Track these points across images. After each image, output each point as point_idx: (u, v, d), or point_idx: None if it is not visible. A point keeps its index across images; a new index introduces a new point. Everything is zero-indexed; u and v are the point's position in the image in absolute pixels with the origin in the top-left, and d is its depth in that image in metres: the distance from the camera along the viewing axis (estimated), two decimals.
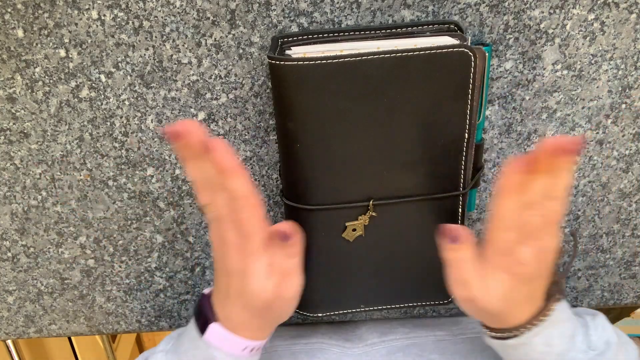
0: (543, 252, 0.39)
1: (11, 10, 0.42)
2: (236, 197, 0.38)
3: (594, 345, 0.42)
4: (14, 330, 0.61)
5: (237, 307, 0.42)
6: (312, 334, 0.55)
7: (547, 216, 0.38)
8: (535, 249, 0.39)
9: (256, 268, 0.40)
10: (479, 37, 0.44)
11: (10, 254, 0.55)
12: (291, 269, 0.41)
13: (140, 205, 0.52)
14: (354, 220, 0.45)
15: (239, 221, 0.39)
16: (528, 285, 0.40)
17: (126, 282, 0.57)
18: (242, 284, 0.40)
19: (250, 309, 0.41)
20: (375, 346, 0.54)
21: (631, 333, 1.77)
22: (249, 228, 0.39)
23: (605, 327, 0.44)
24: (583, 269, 0.57)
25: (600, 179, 0.51)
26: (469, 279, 0.41)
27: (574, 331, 0.43)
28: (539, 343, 0.41)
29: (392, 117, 0.40)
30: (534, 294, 0.41)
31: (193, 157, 0.37)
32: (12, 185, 0.51)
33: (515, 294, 0.40)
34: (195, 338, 0.43)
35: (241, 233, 0.39)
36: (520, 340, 0.42)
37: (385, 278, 0.48)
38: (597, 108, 0.47)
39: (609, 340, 0.43)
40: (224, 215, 0.39)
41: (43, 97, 0.46)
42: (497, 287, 0.40)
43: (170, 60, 0.44)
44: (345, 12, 0.42)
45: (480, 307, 0.41)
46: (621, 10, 0.43)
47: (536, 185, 0.37)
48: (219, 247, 0.41)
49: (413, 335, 0.54)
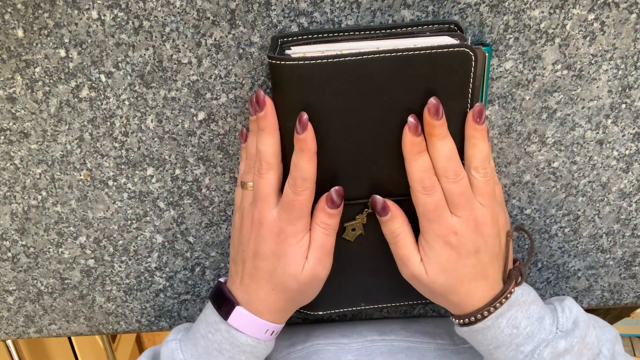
0: (477, 223, 0.41)
1: (11, 10, 0.42)
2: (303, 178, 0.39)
3: (562, 326, 0.43)
4: (14, 330, 0.61)
5: (265, 289, 0.42)
6: (307, 338, 0.55)
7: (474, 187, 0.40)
8: (466, 218, 0.40)
9: (295, 250, 0.41)
10: (479, 37, 0.44)
11: (10, 254, 0.55)
12: (328, 248, 0.43)
13: (140, 205, 0.52)
14: (351, 220, 0.45)
15: (295, 202, 0.40)
16: (471, 259, 0.41)
17: (126, 282, 0.57)
18: (276, 266, 0.41)
19: (282, 291, 0.42)
20: (376, 343, 0.53)
21: (631, 333, 1.77)
22: (303, 210, 0.41)
23: (572, 308, 0.44)
24: (583, 269, 0.57)
25: (600, 179, 0.51)
26: (408, 254, 0.42)
27: (541, 314, 0.43)
28: (505, 325, 0.42)
29: (392, 116, 0.40)
30: (483, 271, 0.42)
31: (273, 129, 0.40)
32: (12, 185, 0.51)
33: (458, 268, 0.41)
34: (215, 322, 0.43)
35: (290, 214, 0.40)
36: (486, 323, 0.42)
37: (386, 276, 0.48)
38: (597, 108, 0.47)
39: (576, 320, 0.43)
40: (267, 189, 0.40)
41: (43, 97, 0.46)
42: (436, 259, 0.41)
43: (170, 60, 0.44)
44: (345, 12, 0.42)
45: (425, 284, 0.42)
46: (621, 10, 0.43)
47: (437, 150, 0.39)
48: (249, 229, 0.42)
49: (414, 340, 0.54)
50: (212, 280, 0.57)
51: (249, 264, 0.43)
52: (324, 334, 0.55)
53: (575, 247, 0.55)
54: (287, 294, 0.43)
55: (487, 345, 0.43)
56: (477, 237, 0.41)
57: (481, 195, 0.41)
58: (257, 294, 0.43)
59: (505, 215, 0.44)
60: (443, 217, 0.40)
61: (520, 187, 0.51)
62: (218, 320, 0.43)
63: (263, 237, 0.41)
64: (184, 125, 0.47)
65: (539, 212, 0.53)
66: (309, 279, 0.42)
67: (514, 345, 0.42)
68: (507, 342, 0.42)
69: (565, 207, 0.52)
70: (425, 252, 0.42)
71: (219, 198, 0.51)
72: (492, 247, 0.42)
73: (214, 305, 0.44)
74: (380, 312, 0.60)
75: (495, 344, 0.43)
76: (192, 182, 0.51)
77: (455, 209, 0.40)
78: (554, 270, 0.57)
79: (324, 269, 0.43)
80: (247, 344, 0.43)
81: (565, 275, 0.57)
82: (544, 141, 0.48)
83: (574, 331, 0.42)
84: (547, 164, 0.50)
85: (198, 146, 0.49)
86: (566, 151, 0.49)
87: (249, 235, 0.42)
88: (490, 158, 0.42)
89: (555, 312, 0.44)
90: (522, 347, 0.42)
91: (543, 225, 0.53)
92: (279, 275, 0.42)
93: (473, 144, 0.40)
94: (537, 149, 0.49)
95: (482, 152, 0.40)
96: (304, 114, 0.39)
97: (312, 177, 0.40)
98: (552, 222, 0.53)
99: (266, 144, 0.40)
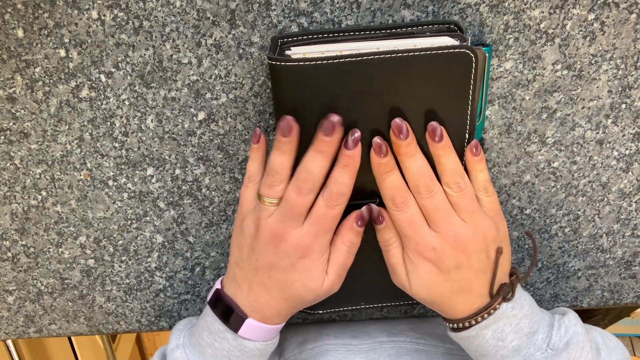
0: (456, 238, 0.40)
1: (11, 10, 0.42)
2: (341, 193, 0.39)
3: (553, 345, 0.42)
4: (14, 330, 0.61)
5: (277, 298, 0.42)
6: (319, 337, 0.55)
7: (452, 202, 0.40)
8: (444, 234, 0.40)
9: (317, 266, 0.41)
10: (479, 37, 0.44)
11: (10, 254, 0.55)
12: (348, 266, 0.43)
13: (140, 205, 0.52)
14: None
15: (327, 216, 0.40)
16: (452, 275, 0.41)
17: (126, 282, 0.57)
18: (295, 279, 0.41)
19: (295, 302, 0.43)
20: (385, 344, 0.53)
21: (631, 333, 1.77)
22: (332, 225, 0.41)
23: (569, 327, 0.43)
24: (583, 269, 0.57)
25: (600, 179, 0.51)
26: (396, 264, 0.43)
27: (534, 329, 0.43)
28: (490, 337, 0.42)
29: (392, 117, 0.40)
30: (466, 286, 0.41)
31: None
32: (12, 185, 0.51)
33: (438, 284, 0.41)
34: (220, 331, 0.43)
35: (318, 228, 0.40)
36: (471, 332, 0.42)
37: (386, 276, 0.48)
38: (597, 108, 0.47)
39: (569, 341, 0.42)
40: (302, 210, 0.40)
41: (43, 97, 0.46)
42: (417, 274, 0.42)
43: (170, 60, 0.44)
44: (345, 12, 0.42)
45: (410, 295, 0.43)
46: (621, 10, 0.43)
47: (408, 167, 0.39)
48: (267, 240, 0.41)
49: (423, 342, 0.54)
50: (212, 280, 0.57)
51: (262, 274, 0.42)
52: (334, 333, 0.56)
53: (575, 247, 0.55)
54: (301, 302, 0.43)
55: (474, 352, 0.44)
56: (457, 253, 0.40)
57: (459, 210, 0.40)
58: (268, 302, 0.42)
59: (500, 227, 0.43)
60: (419, 233, 0.40)
61: (520, 187, 0.51)
62: (223, 329, 0.43)
63: (285, 252, 0.41)
64: (184, 125, 0.48)
65: (539, 212, 0.53)
66: (326, 293, 0.43)
67: (498, 356, 0.42)
68: (492, 352, 0.42)
69: (565, 207, 0.52)
70: (407, 266, 0.42)
71: (219, 198, 0.51)
72: (476, 262, 0.41)
73: (217, 314, 0.44)
74: (380, 312, 0.60)
75: (481, 352, 0.43)
76: (192, 182, 0.51)
77: (433, 224, 0.40)
78: (554, 270, 0.57)
79: (340, 283, 0.44)
80: (256, 348, 0.44)
81: (565, 275, 0.57)
82: (544, 141, 0.49)
83: (561, 353, 0.41)
84: (547, 164, 0.50)
85: (198, 146, 0.49)
86: (566, 151, 0.49)
87: (266, 246, 0.41)
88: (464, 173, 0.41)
89: (552, 327, 0.43)
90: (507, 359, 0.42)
91: (543, 225, 0.53)
92: (297, 288, 0.42)
93: (438, 162, 0.40)
94: (537, 149, 0.49)
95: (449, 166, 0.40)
96: (357, 131, 0.38)
97: (349, 193, 0.40)
98: (552, 222, 0.53)
99: (322, 167, 0.39)
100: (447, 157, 0.40)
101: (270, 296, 0.42)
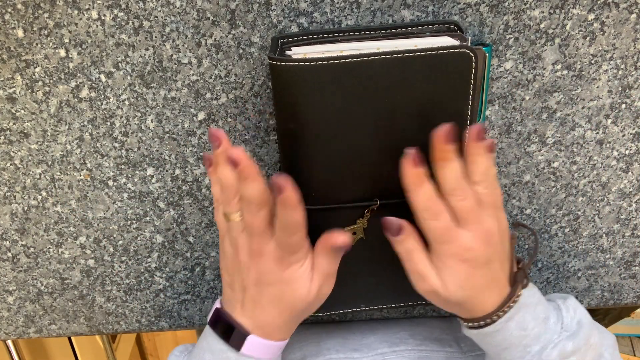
0: (487, 234, 0.41)
1: (11, 10, 0.42)
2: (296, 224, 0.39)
3: (566, 326, 0.43)
4: (14, 330, 0.61)
5: (272, 313, 0.42)
6: (319, 351, 0.55)
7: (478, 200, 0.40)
8: (477, 232, 0.40)
9: (300, 274, 0.41)
10: (479, 37, 0.44)
11: (10, 254, 0.55)
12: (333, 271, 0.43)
13: (140, 205, 0.52)
14: (352, 225, 0.45)
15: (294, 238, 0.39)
16: (485, 270, 0.41)
17: (126, 282, 0.57)
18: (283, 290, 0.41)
19: (290, 312, 0.42)
20: (387, 356, 0.53)
21: (631, 333, 1.77)
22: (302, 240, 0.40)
23: (576, 308, 0.45)
24: (583, 269, 0.57)
25: (600, 179, 0.51)
26: (424, 270, 0.42)
27: (546, 314, 0.44)
28: (514, 328, 0.42)
29: (393, 117, 0.40)
30: (495, 278, 0.42)
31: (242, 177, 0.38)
32: (12, 185, 0.51)
33: (474, 280, 0.41)
34: (222, 350, 0.43)
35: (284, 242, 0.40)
36: (496, 327, 0.42)
37: (386, 277, 0.48)
38: (597, 108, 0.47)
39: (581, 321, 0.44)
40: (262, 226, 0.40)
41: (43, 97, 0.46)
42: (453, 276, 0.41)
43: (170, 60, 0.44)
44: (345, 12, 0.42)
45: (443, 298, 0.42)
46: (621, 10, 0.43)
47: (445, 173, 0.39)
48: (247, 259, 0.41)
49: (424, 348, 0.54)
50: (212, 280, 0.57)
51: (251, 291, 0.42)
52: (334, 347, 0.55)
53: (575, 247, 0.55)
54: (295, 312, 0.43)
55: (496, 346, 0.44)
56: (488, 248, 0.41)
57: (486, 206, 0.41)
58: (265, 318, 0.42)
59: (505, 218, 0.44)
60: (454, 237, 0.40)
61: (520, 187, 0.51)
62: (225, 349, 0.43)
63: (265, 266, 0.41)
64: (184, 125, 0.47)
65: (539, 212, 0.53)
66: (316, 299, 0.43)
67: (521, 347, 0.42)
68: (516, 343, 0.42)
69: (565, 207, 0.52)
70: (440, 270, 0.41)
71: None
72: (500, 253, 0.42)
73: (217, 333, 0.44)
74: (380, 312, 0.60)
75: (504, 345, 0.43)
76: (192, 182, 0.51)
77: (466, 224, 0.40)
78: (554, 270, 0.57)
79: (329, 286, 0.44)
80: None
81: (565, 275, 0.57)
82: (544, 141, 0.48)
83: (579, 332, 0.42)
84: (547, 164, 0.50)
85: (198, 146, 0.49)
86: (566, 151, 0.49)
87: (248, 264, 0.41)
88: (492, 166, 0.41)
89: (559, 310, 0.44)
90: (530, 348, 0.42)
91: (543, 225, 0.53)
92: (288, 299, 0.42)
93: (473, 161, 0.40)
94: (537, 149, 0.49)
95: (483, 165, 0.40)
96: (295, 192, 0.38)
97: (303, 221, 0.39)
98: (552, 222, 0.53)
99: (255, 188, 0.38)
100: (483, 156, 0.40)
101: (265, 312, 0.42)
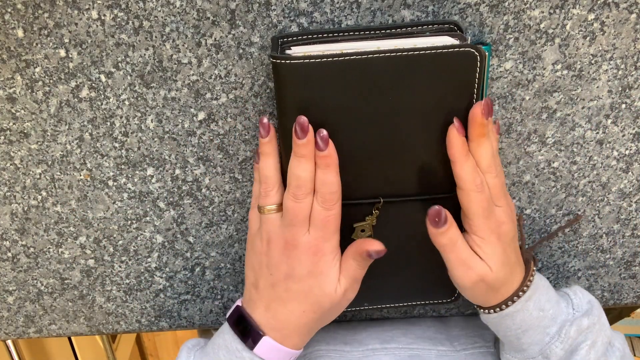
0: (512, 210, 0.43)
1: (11, 10, 0.42)
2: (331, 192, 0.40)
3: (578, 307, 0.45)
4: (14, 330, 0.61)
5: (296, 312, 0.42)
6: (309, 343, 0.55)
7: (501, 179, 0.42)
8: (505, 207, 0.42)
9: (330, 268, 0.42)
10: (479, 37, 0.44)
11: (10, 254, 0.55)
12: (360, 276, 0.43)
13: (140, 205, 0.52)
14: (361, 221, 0.45)
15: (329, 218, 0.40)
16: (513, 245, 0.43)
17: (126, 282, 0.57)
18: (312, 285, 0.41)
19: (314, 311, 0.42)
20: (377, 352, 0.53)
21: (631, 333, 1.77)
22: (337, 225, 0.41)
23: (583, 292, 0.47)
24: (583, 269, 0.57)
25: (600, 179, 0.51)
26: (469, 258, 0.42)
27: (557, 298, 0.46)
28: (533, 308, 0.44)
29: (396, 116, 0.40)
30: (518, 255, 0.44)
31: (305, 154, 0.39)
32: (12, 185, 0.51)
33: (509, 256, 0.43)
34: (238, 350, 0.43)
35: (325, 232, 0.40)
36: (517, 307, 0.43)
37: (390, 277, 0.48)
38: (597, 108, 0.47)
39: (591, 300, 0.46)
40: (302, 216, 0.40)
41: (43, 97, 0.46)
42: (495, 255, 0.42)
43: (170, 60, 0.44)
44: (345, 12, 0.42)
45: (490, 282, 0.42)
46: (621, 10, 0.43)
47: (482, 150, 0.40)
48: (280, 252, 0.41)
49: (415, 347, 0.54)
50: (212, 280, 0.57)
51: (279, 287, 0.42)
52: (324, 339, 0.55)
53: (575, 247, 0.55)
54: (318, 314, 0.43)
55: (516, 329, 0.44)
56: (513, 224, 0.43)
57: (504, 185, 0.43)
58: (288, 318, 0.42)
59: None
60: (493, 212, 0.41)
61: (520, 187, 0.51)
62: (241, 348, 0.43)
63: (298, 259, 0.41)
64: (184, 125, 0.48)
65: (539, 212, 0.53)
66: (341, 301, 0.43)
67: (541, 328, 0.44)
68: (535, 324, 0.44)
69: (565, 207, 0.52)
70: (483, 250, 0.42)
71: (219, 198, 0.51)
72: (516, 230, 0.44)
73: (236, 332, 0.44)
74: (380, 312, 0.60)
75: (524, 327, 0.44)
76: (192, 182, 0.51)
77: (497, 200, 0.42)
78: (554, 270, 0.57)
79: (354, 292, 0.44)
80: None
81: (565, 275, 0.57)
82: (544, 141, 0.49)
83: (592, 310, 0.44)
84: (547, 164, 0.50)
85: (198, 146, 0.49)
86: (566, 151, 0.49)
87: (280, 258, 0.42)
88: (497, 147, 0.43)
89: (567, 295, 0.46)
90: (548, 329, 0.44)
91: (543, 225, 0.53)
92: (315, 294, 0.42)
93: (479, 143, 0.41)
94: (537, 149, 0.49)
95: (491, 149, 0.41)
96: (323, 131, 0.39)
97: (340, 188, 0.40)
98: (552, 222, 0.53)
99: (307, 170, 0.40)
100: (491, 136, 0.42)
101: (288, 310, 0.42)
